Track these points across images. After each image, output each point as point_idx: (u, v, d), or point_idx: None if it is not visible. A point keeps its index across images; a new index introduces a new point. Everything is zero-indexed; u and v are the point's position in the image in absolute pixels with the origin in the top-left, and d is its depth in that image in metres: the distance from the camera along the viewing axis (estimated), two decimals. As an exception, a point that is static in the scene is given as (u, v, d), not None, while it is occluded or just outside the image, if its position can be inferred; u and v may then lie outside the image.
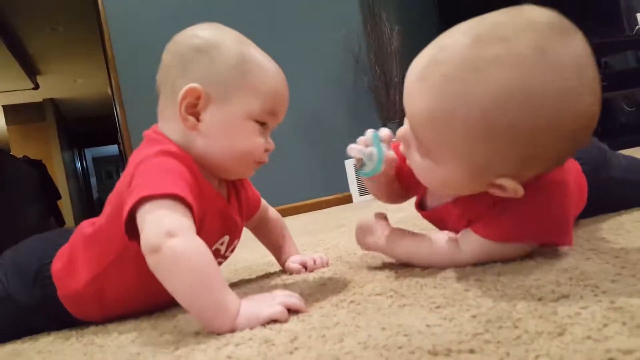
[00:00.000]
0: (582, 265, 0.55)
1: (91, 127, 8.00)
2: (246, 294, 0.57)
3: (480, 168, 0.54)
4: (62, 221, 3.67)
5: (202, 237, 0.54)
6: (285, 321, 0.52)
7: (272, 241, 0.87)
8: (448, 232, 0.67)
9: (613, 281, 0.47)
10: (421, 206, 0.75)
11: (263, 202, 0.84)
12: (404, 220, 0.72)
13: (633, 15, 2.97)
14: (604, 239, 0.67)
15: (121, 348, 0.55)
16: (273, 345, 0.45)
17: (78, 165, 8.49)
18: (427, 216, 0.75)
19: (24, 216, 2.62)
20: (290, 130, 2.60)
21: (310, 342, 0.44)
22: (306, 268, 0.82)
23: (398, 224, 0.73)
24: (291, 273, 0.83)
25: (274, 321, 0.52)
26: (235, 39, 0.65)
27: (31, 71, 5.21)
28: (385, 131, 0.68)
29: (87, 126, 7.95)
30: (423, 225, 0.76)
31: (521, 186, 0.54)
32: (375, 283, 0.64)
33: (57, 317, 0.68)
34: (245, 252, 1.11)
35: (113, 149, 8.66)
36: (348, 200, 2.71)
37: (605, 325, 0.37)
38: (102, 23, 2.44)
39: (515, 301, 0.46)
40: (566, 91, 0.48)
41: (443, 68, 0.51)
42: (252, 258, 1.07)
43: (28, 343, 0.65)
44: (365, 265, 0.78)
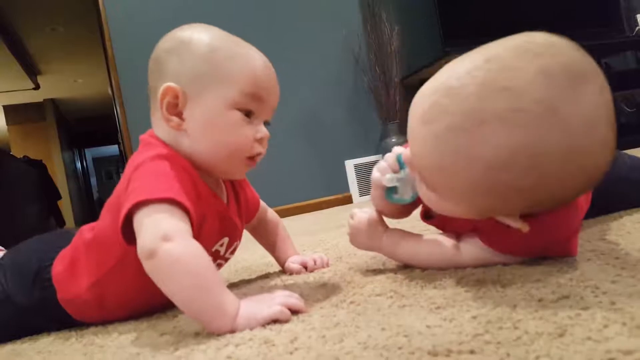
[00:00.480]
0: (583, 266, 0.55)
1: (91, 127, 8.00)
2: (246, 295, 0.57)
3: (484, 211, 0.55)
4: (62, 221, 3.67)
5: (201, 240, 0.54)
6: (286, 320, 0.52)
7: (271, 242, 0.87)
8: (448, 234, 0.67)
9: (613, 282, 0.47)
10: (426, 215, 0.74)
11: (262, 204, 0.84)
12: (401, 222, 0.72)
13: (633, 16, 2.98)
14: (605, 240, 0.67)
15: (121, 348, 0.55)
16: (273, 345, 0.45)
17: (78, 165, 8.48)
18: (433, 223, 0.74)
19: (24, 216, 2.61)
20: (290, 130, 2.60)
21: (310, 343, 0.44)
22: (306, 268, 0.82)
23: (396, 226, 0.73)
24: (291, 273, 0.82)
25: (275, 321, 0.52)
26: (211, 35, 0.64)
27: (31, 71, 5.21)
28: (407, 152, 0.64)
29: (87, 126, 7.95)
30: (421, 226, 0.76)
31: (527, 224, 0.53)
32: (375, 283, 0.64)
33: (57, 318, 0.68)
34: (245, 253, 1.11)
35: (113, 149, 8.67)
36: (348, 200, 2.71)
37: (605, 326, 0.37)
38: (102, 23, 2.44)
39: (515, 302, 0.46)
40: (573, 151, 0.47)
41: (447, 117, 0.49)
42: (252, 258, 1.07)
43: (28, 343, 0.65)
44: (365, 265, 0.78)
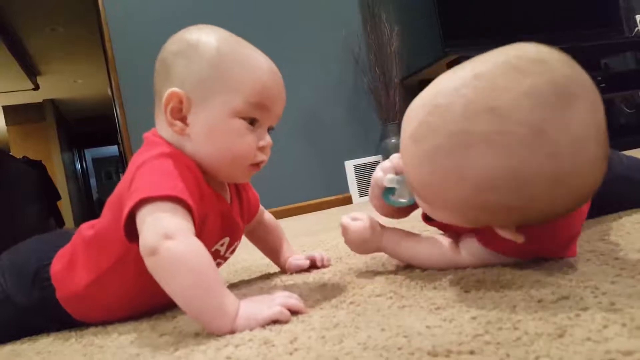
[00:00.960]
0: (582, 266, 0.55)
1: (91, 128, 8.00)
2: (246, 295, 0.57)
3: (478, 223, 0.56)
4: (62, 222, 3.67)
5: (203, 239, 0.54)
6: (286, 321, 0.52)
7: (270, 243, 0.87)
8: (448, 234, 0.67)
9: (613, 282, 0.47)
10: (427, 217, 0.73)
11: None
12: (401, 221, 0.72)
13: (632, 17, 2.98)
14: (604, 241, 0.67)
15: (121, 349, 0.55)
16: (273, 346, 0.45)
17: (78, 166, 8.48)
18: (435, 225, 0.74)
19: (24, 217, 2.61)
20: (290, 131, 2.61)
21: (310, 343, 0.44)
22: (314, 263, 0.83)
23: (397, 226, 0.73)
24: (294, 271, 0.83)
25: (274, 322, 0.52)
26: (219, 38, 0.63)
27: (31, 72, 5.21)
28: (399, 162, 0.65)
29: (87, 127, 7.95)
30: (421, 226, 0.76)
31: (521, 235, 0.53)
32: (375, 284, 0.64)
33: (56, 318, 0.68)
34: (244, 253, 1.11)
35: (113, 150, 8.66)
36: (348, 201, 2.71)
37: (605, 326, 0.37)
38: (102, 23, 2.44)
39: (515, 303, 0.46)
40: (561, 173, 0.46)
41: (435, 138, 0.50)
42: (252, 259, 1.07)
43: (27, 344, 0.65)
44: (365, 266, 0.78)
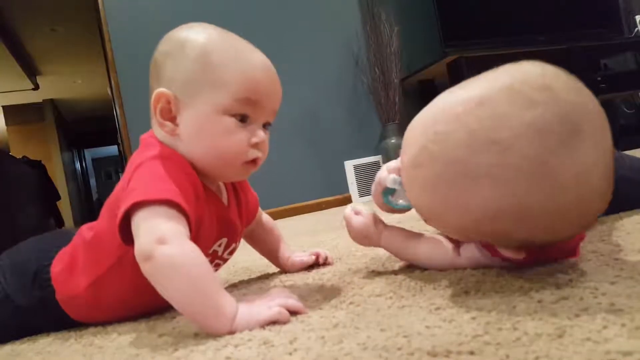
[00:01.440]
0: (582, 266, 0.55)
1: (91, 128, 8.00)
2: (245, 295, 0.57)
3: (479, 241, 0.57)
4: (62, 222, 3.67)
5: (200, 240, 0.54)
6: (285, 322, 0.52)
7: (269, 244, 0.86)
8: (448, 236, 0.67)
9: (612, 283, 0.47)
10: None
11: None
12: (402, 221, 0.72)
13: (632, 17, 2.98)
14: (604, 241, 0.67)
15: (120, 349, 0.55)
16: (272, 346, 0.45)
17: (77, 166, 8.48)
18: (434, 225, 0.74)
19: (23, 217, 2.61)
20: (289, 131, 2.61)
21: (309, 343, 0.44)
22: (317, 259, 0.84)
23: (396, 224, 0.73)
24: (298, 269, 0.83)
25: (274, 323, 0.51)
26: (207, 36, 0.61)
27: (31, 72, 5.21)
28: (396, 177, 0.65)
29: (87, 127, 7.95)
30: (421, 226, 0.76)
31: (523, 252, 0.53)
32: (374, 284, 0.64)
33: (56, 318, 0.68)
34: (244, 253, 1.10)
35: (113, 150, 8.66)
36: (348, 201, 2.71)
37: (604, 327, 0.37)
38: (102, 23, 2.44)
39: (514, 303, 0.46)
40: (563, 207, 0.46)
41: (436, 166, 0.49)
42: (252, 259, 1.07)
43: (27, 344, 0.65)
44: (364, 266, 0.78)
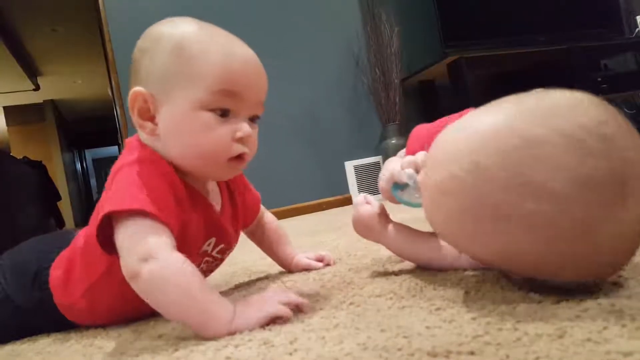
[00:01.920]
0: (582, 267, 0.55)
1: (91, 128, 8.01)
2: (245, 296, 0.57)
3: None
4: (62, 222, 3.67)
5: (187, 243, 0.53)
6: (286, 317, 0.52)
7: (274, 244, 0.85)
8: None
9: (613, 283, 0.47)
10: None
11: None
12: (404, 220, 0.72)
13: (633, 17, 2.98)
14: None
15: (120, 349, 0.55)
16: (272, 346, 0.45)
17: (78, 166, 8.49)
18: None
19: (24, 217, 2.61)
20: (289, 131, 2.60)
21: (309, 344, 0.44)
22: (321, 261, 0.84)
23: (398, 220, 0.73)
24: (302, 270, 0.83)
25: (274, 321, 0.51)
26: (184, 30, 0.59)
27: (31, 72, 5.21)
28: (414, 175, 0.63)
29: (87, 127, 7.96)
30: (425, 228, 0.76)
31: None
32: (374, 285, 0.64)
33: (56, 319, 0.67)
34: (244, 253, 1.11)
35: (113, 150, 8.66)
36: (348, 202, 2.71)
37: (605, 327, 0.37)
38: (102, 24, 2.44)
39: (515, 303, 0.46)
40: (592, 263, 0.44)
41: (465, 198, 0.46)
42: (252, 259, 1.07)
43: (27, 344, 0.65)
44: (365, 266, 0.78)
